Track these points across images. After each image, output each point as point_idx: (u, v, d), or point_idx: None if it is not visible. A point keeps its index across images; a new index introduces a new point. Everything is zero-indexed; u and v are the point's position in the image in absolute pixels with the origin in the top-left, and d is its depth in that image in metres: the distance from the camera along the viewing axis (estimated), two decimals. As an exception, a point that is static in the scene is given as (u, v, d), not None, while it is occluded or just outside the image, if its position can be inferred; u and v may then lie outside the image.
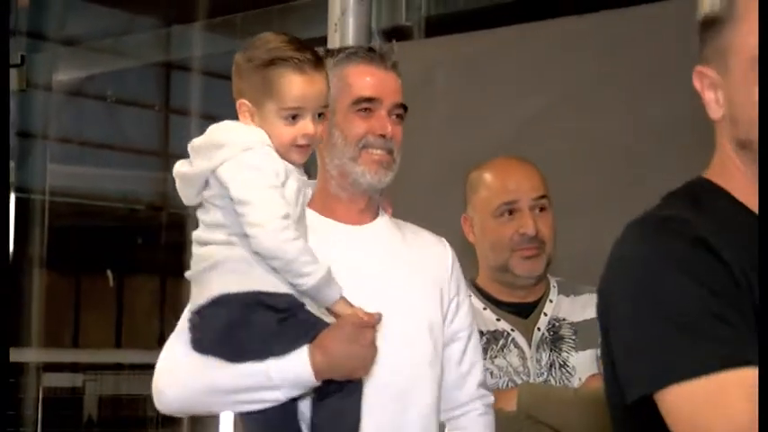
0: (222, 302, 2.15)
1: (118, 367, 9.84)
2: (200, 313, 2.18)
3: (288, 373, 2.14)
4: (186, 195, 2.20)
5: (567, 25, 4.68)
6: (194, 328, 2.21)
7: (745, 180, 1.63)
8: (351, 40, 4.75)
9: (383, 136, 2.41)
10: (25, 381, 7.97)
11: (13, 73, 7.42)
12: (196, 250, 2.23)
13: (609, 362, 1.58)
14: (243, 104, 2.18)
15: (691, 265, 1.48)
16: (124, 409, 9.50)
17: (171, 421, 8.84)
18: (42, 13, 8.35)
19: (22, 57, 7.59)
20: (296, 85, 2.16)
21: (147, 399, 7.94)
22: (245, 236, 2.10)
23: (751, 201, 1.60)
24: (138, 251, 10.86)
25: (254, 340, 2.14)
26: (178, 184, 2.22)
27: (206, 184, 2.15)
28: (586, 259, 2.81)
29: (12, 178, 7.81)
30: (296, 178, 2.21)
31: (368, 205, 2.49)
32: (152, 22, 9.03)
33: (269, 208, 2.11)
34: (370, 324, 2.23)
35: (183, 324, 2.27)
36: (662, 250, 1.51)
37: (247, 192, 2.10)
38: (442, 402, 2.51)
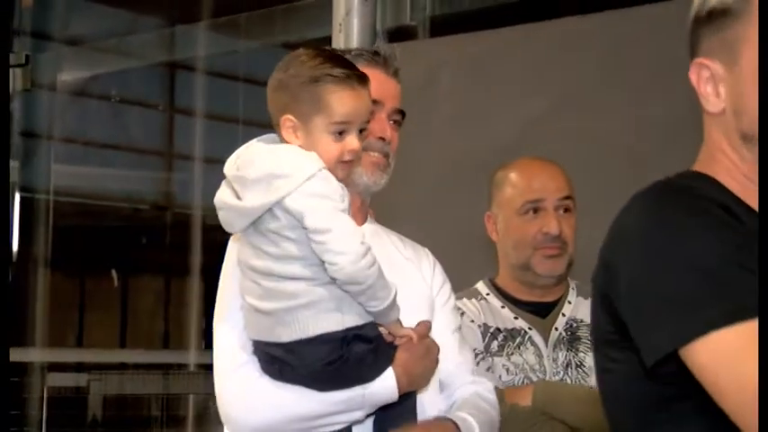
0: (321, 340, 2.20)
1: (122, 367, 9.82)
2: (290, 349, 2.23)
3: (379, 396, 2.22)
4: (234, 225, 2.24)
5: (569, 25, 4.74)
6: (280, 360, 2.26)
7: (739, 174, 1.63)
8: (355, 40, 4.84)
9: (382, 139, 2.45)
10: (29, 380, 7.96)
11: (17, 73, 7.51)
12: (273, 284, 2.26)
13: (604, 340, 1.59)
14: (288, 120, 2.22)
15: (709, 221, 1.50)
16: (129, 409, 9.46)
17: (175, 421, 9.08)
18: (47, 13, 8.38)
19: (27, 56, 7.55)
20: (346, 100, 2.22)
21: (152, 398, 7.96)
22: (322, 263, 2.15)
23: (742, 194, 1.60)
24: (143, 251, 10.70)
25: (350, 371, 2.21)
26: (224, 215, 2.25)
27: (270, 215, 2.19)
28: (587, 258, 2.83)
29: (16, 178, 7.85)
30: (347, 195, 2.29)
31: (360, 208, 2.52)
32: (156, 22, 9.06)
33: (349, 235, 2.17)
34: (427, 337, 2.37)
35: (235, 342, 2.34)
36: (680, 208, 1.53)
37: (324, 221, 2.13)
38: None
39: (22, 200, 7.84)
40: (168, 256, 9.96)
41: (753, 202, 1.60)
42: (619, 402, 1.63)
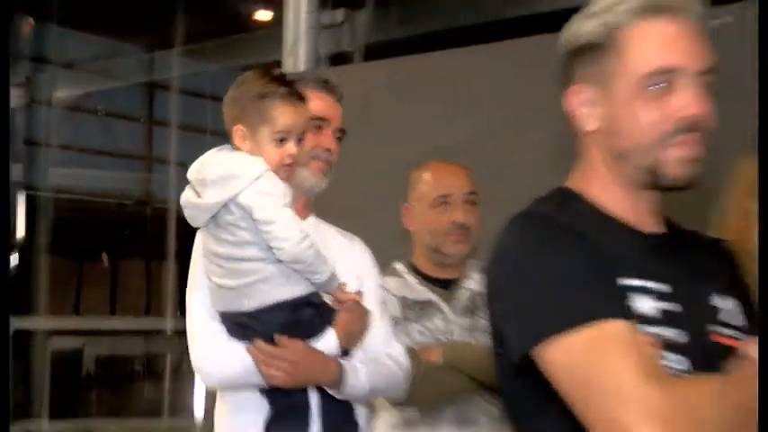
0: (277, 307, 2.27)
1: (113, 333, 9.91)
2: (254, 316, 2.30)
3: (323, 349, 2.29)
4: (197, 220, 2.30)
5: (493, 50, 4.60)
6: (245, 326, 2.33)
7: (612, 187, 1.62)
8: (302, 64, 4.92)
9: (328, 150, 2.51)
10: (35, 344, 8.15)
11: (19, 91, 7.55)
12: (233, 265, 2.31)
13: (492, 332, 1.57)
14: (238, 129, 2.27)
15: (559, 244, 1.50)
16: (117, 367, 9.66)
17: (155, 376, 9.22)
18: (43, 40, 8.45)
19: (27, 78, 7.80)
20: (287, 114, 2.26)
21: (136, 358, 8.21)
22: (271, 248, 2.22)
23: (610, 205, 1.61)
24: (128, 239, 10.58)
25: (301, 331, 2.27)
26: (189, 212, 2.30)
27: (225, 210, 2.24)
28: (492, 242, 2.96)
29: (21, 178, 7.90)
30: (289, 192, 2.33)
31: (306, 204, 2.57)
32: (137, 49, 9.26)
33: (290, 225, 2.23)
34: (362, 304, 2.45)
35: (204, 304, 2.40)
36: (535, 234, 1.53)
37: (269, 214, 2.19)
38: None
39: (27, 197, 7.91)
40: (149, 242, 9.68)
41: (622, 210, 1.61)
42: (502, 387, 1.63)
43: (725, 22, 3.54)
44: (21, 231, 7.90)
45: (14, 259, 7.71)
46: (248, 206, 2.19)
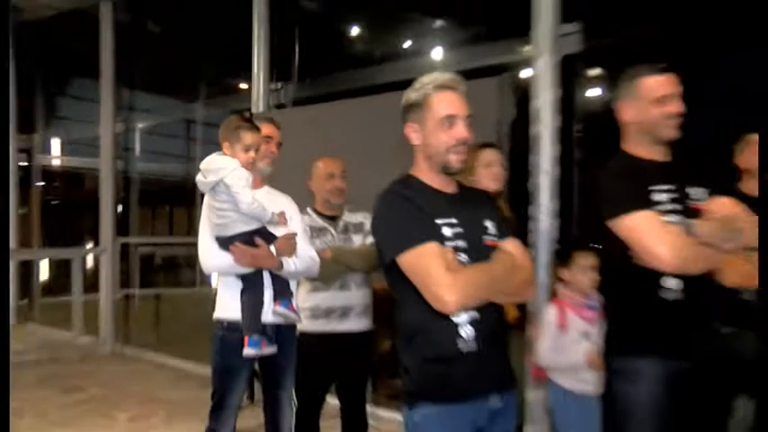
0: (244, 234, 2.74)
1: (170, 245, 10.69)
2: (232, 238, 2.76)
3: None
4: (204, 189, 2.70)
5: (366, 102, 4.97)
6: (222, 240, 2.78)
7: (429, 171, 2.06)
8: (261, 109, 5.70)
9: (273, 153, 3.00)
10: (130, 250, 8.95)
11: (120, 123, 7.77)
12: (220, 213, 2.74)
13: (377, 248, 2.02)
14: (225, 145, 2.68)
15: (402, 204, 1.98)
16: (172, 262, 10.46)
17: (191, 266, 9.86)
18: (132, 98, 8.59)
19: (125, 117, 8.03)
20: (249, 137, 2.73)
21: (182, 257, 10.83)
22: (237, 205, 2.64)
23: (428, 181, 2.05)
24: (176, 199, 10.94)
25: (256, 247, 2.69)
26: (200, 186, 2.74)
27: (217, 186, 2.67)
28: (360, 198, 3.15)
29: (121, 168, 8.00)
30: (250, 176, 2.70)
31: (262, 181, 2.99)
32: (180, 101, 9.67)
33: (246, 194, 2.64)
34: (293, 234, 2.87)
35: (207, 229, 2.83)
36: (390, 200, 2.01)
37: (236, 188, 2.62)
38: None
39: (125, 177, 8.58)
40: (187, 201, 9.78)
41: (434, 183, 2.07)
42: (385, 279, 2.07)
43: (486, 87, 4.15)
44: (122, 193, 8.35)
45: (120, 208, 8.07)
46: (228, 184, 2.60)
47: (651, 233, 2.15)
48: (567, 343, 3.16)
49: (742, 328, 2.91)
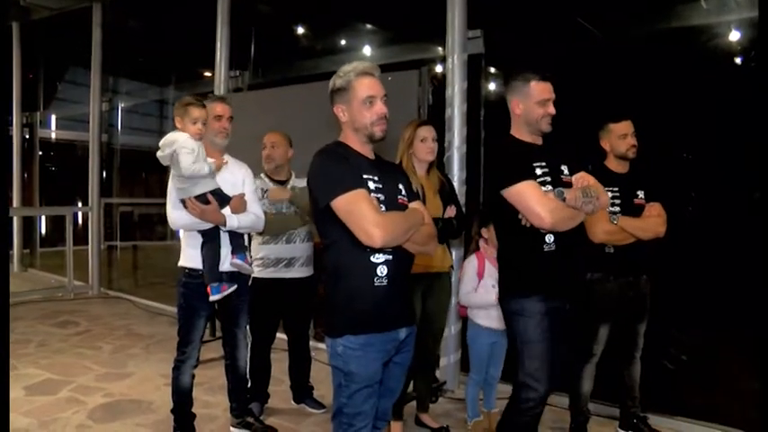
0: (203, 196, 2.67)
1: (145, 204, 9.60)
2: (190, 199, 2.68)
3: (223, 214, 2.69)
4: (164, 162, 2.62)
5: (308, 88, 4.75)
6: (183, 202, 2.69)
7: (354, 141, 2.01)
8: (222, 92, 5.48)
9: (225, 128, 2.91)
10: (113, 209, 8.30)
11: (105, 103, 7.36)
12: (180, 179, 2.67)
13: (311, 195, 1.93)
14: (177, 120, 2.61)
15: (336, 159, 1.93)
16: (147, 220, 9.52)
17: (162, 222, 7.25)
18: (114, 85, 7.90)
19: (110, 97, 7.54)
20: (197, 112, 2.67)
21: (155, 215, 8.86)
22: (183, 170, 2.56)
23: (355, 147, 1.99)
24: (151, 168, 9.32)
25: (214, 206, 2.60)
26: (160, 159, 2.64)
27: (173, 156, 2.59)
28: (301, 165, 2.59)
29: (106, 140, 7.57)
30: (199, 146, 2.62)
31: (220, 152, 2.93)
32: (157, 88, 8.63)
33: (190, 161, 2.59)
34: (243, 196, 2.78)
35: (173, 193, 2.74)
36: (325, 155, 1.95)
37: (183, 156, 2.58)
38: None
39: (109, 148, 7.99)
40: (161, 168, 5.87)
41: (360, 150, 1.99)
42: (318, 223, 1.99)
43: (408, 78, 4.06)
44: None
45: (104, 174, 7.63)
46: (179, 154, 2.55)
47: (533, 198, 2.18)
48: (484, 287, 3.22)
49: (606, 275, 3.08)
